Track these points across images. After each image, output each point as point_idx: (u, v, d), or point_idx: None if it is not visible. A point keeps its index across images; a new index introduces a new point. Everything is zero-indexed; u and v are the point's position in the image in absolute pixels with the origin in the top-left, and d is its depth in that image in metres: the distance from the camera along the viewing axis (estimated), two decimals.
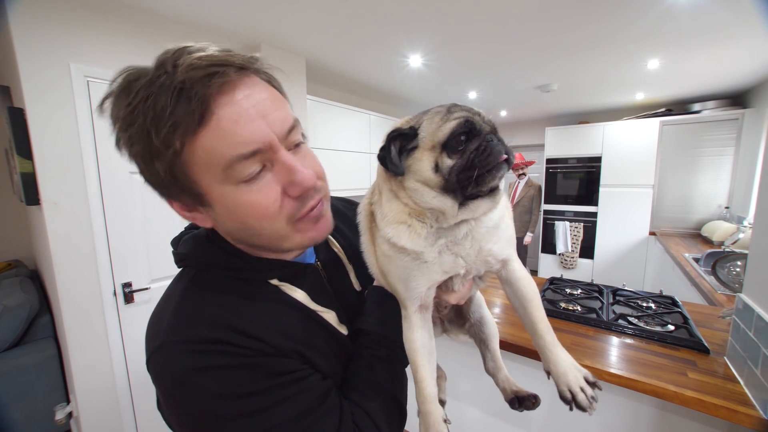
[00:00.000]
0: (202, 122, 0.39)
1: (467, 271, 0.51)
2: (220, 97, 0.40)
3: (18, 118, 1.44)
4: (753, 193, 2.89)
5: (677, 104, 3.81)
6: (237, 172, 0.42)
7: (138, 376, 1.79)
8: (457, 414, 1.55)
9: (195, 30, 1.92)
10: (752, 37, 2.06)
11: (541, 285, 1.73)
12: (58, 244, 1.50)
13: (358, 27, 1.95)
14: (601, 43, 2.17)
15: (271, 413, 0.43)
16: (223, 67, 0.40)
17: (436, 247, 0.48)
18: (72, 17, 1.51)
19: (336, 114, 2.83)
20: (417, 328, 0.50)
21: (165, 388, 0.45)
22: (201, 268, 0.51)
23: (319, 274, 0.59)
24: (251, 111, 0.42)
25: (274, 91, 0.48)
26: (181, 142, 0.40)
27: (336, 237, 0.67)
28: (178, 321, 0.46)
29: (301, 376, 0.47)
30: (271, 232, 0.47)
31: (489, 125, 0.46)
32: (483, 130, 0.45)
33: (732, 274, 1.90)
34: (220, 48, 0.43)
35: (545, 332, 0.51)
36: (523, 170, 4.03)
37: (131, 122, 0.40)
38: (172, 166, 0.42)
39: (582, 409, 0.46)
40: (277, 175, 0.45)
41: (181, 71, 0.38)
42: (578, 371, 0.49)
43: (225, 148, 0.41)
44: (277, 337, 0.47)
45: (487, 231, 0.49)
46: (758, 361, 0.88)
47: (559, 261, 4.42)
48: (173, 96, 0.38)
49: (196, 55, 0.40)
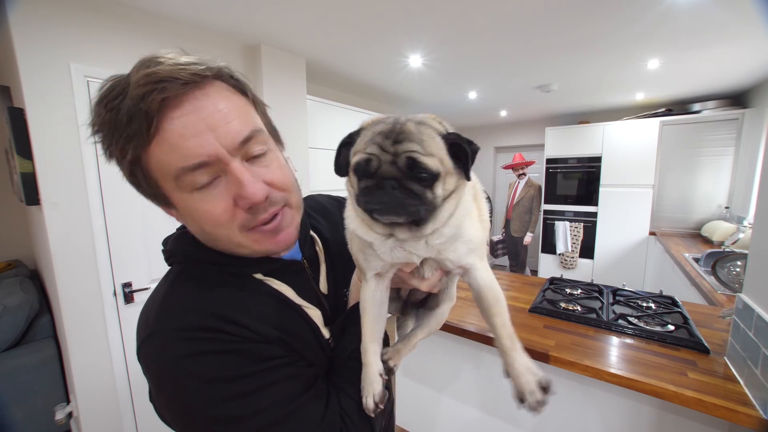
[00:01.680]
0: (150, 136, 0.42)
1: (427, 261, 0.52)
2: (166, 111, 0.42)
3: (18, 118, 1.44)
4: (753, 193, 2.89)
5: (677, 104, 3.81)
6: (187, 183, 0.44)
7: (138, 376, 1.78)
8: (457, 414, 1.55)
9: (195, 30, 1.93)
10: (752, 37, 2.06)
11: (541, 285, 1.73)
12: (58, 244, 1.50)
13: (358, 27, 1.95)
14: (601, 43, 2.17)
15: (259, 396, 0.44)
16: (166, 82, 0.41)
17: (387, 244, 0.48)
18: (72, 17, 1.51)
19: (336, 114, 2.82)
20: (370, 290, 0.53)
21: (156, 376, 0.46)
22: (188, 263, 0.53)
23: (305, 271, 0.60)
24: (199, 124, 0.43)
25: (239, 99, 0.49)
26: (135, 153, 0.43)
27: (320, 237, 0.68)
28: (166, 310, 0.47)
29: (286, 362, 0.48)
30: (227, 239, 0.49)
31: (395, 168, 0.42)
32: (380, 175, 0.43)
33: (732, 274, 1.90)
34: (182, 59, 0.44)
35: (504, 338, 0.52)
36: (523, 170, 4.03)
37: (100, 130, 0.44)
38: (133, 172, 0.45)
39: (531, 410, 0.49)
40: (227, 186, 0.46)
41: (132, 87, 0.41)
42: (533, 376, 0.50)
43: (172, 161, 0.43)
44: (263, 325, 0.48)
45: (442, 240, 0.48)
46: (758, 361, 0.88)
47: (559, 261, 4.42)
48: (127, 110, 0.41)
49: (145, 71, 0.41)
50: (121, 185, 0.49)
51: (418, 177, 0.42)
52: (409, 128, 0.44)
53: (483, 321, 1.40)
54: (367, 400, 0.51)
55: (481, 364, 1.44)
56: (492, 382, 1.42)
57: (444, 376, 1.54)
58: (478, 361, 1.45)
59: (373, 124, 0.47)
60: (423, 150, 0.42)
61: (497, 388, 1.41)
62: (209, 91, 0.45)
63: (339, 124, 2.87)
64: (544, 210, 4.46)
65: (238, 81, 0.50)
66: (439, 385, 1.57)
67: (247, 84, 0.51)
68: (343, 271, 0.66)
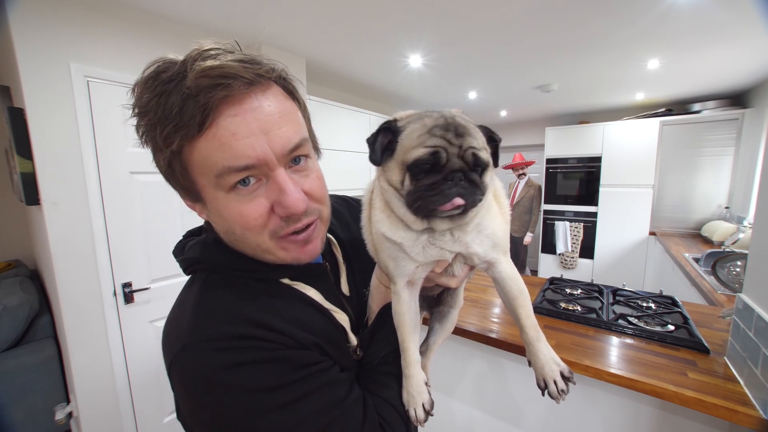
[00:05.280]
0: (202, 129, 0.41)
1: (457, 258, 0.53)
2: (224, 107, 0.41)
3: (18, 118, 1.44)
4: (753, 193, 2.89)
5: (677, 104, 3.81)
6: (228, 182, 0.43)
7: (138, 376, 1.79)
8: (457, 414, 1.55)
9: (195, 30, 1.93)
10: (752, 37, 2.06)
11: (541, 285, 1.73)
12: (58, 244, 1.50)
13: (358, 27, 1.95)
14: (601, 43, 2.17)
15: (300, 405, 0.43)
16: (231, 79, 0.40)
17: (419, 243, 0.49)
18: (72, 17, 1.51)
19: (336, 114, 2.82)
20: (405, 303, 0.53)
21: (191, 391, 0.44)
22: (213, 271, 0.51)
23: (328, 274, 0.60)
24: (253, 125, 0.42)
25: (292, 105, 0.48)
26: (180, 144, 0.42)
27: (336, 239, 0.68)
28: (199, 321, 0.45)
29: (324, 368, 0.47)
30: (255, 243, 0.48)
31: (462, 161, 0.44)
32: (449, 167, 0.44)
33: (732, 274, 1.90)
34: (243, 55, 0.43)
35: (529, 328, 0.54)
36: (523, 170, 4.03)
37: (145, 113, 0.42)
38: (171, 162, 0.44)
39: (552, 397, 0.51)
40: (268, 191, 0.45)
41: (192, 77, 0.40)
42: (556, 365, 0.52)
43: (219, 158, 0.42)
44: (299, 330, 0.47)
45: (470, 234, 0.50)
46: (758, 361, 0.87)
47: (559, 261, 4.42)
48: (181, 98, 0.40)
49: (209, 63, 0.40)
50: (121, 185, 0.49)
51: (478, 170, 0.45)
52: (462, 123, 0.46)
53: (483, 321, 1.40)
54: (416, 411, 0.52)
55: (481, 364, 1.44)
56: (492, 382, 1.42)
57: (444, 376, 1.54)
58: (479, 361, 1.44)
59: (418, 118, 0.47)
60: (479, 144, 0.45)
61: (497, 389, 1.41)
62: (268, 93, 0.45)
63: (339, 124, 2.87)
64: (544, 210, 4.46)
65: (293, 86, 0.50)
66: (439, 385, 1.57)
67: (297, 90, 0.51)
68: (360, 271, 0.66)
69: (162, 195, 1.78)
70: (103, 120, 1.61)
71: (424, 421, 0.51)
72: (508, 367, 1.36)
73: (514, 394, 1.36)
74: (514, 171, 4.07)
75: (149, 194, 1.74)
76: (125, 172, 1.66)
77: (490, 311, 1.48)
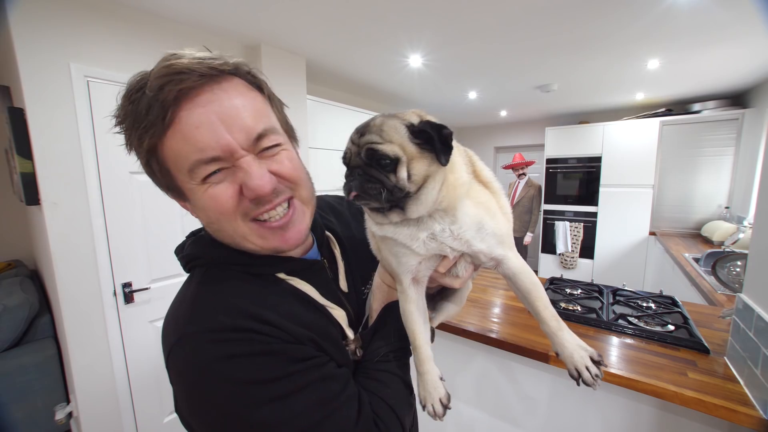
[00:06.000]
0: (165, 126, 0.43)
1: (461, 258, 0.53)
2: (183, 102, 0.43)
3: (18, 118, 1.44)
4: (753, 193, 2.89)
5: (677, 104, 3.81)
6: (200, 175, 0.45)
7: (138, 376, 1.79)
8: (457, 414, 1.55)
9: (195, 30, 1.93)
10: (752, 37, 2.06)
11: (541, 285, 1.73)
12: (58, 244, 1.50)
13: (358, 27, 1.95)
14: (601, 43, 2.17)
15: (295, 399, 0.43)
16: (183, 74, 0.42)
17: (420, 241, 0.50)
18: (72, 17, 1.51)
19: (336, 114, 2.82)
20: (412, 301, 0.53)
21: (187, 382, 0.44)
22: (210, 266, 0.52)
23: (325, 271, 0.60)
24: (213, 117, 0.44)
25: (255, 96, 0.49)
26: (151, 142, 0.44)
27: (335, 237, 0.68)
28: (196, 313, 0.46)
29: (319, 363, 0.47)
30: (231, 230, 0.49)
31: (359, 158, 0.48)
32: (351, 165, 0.49)
33: (732, 274, 1.90)
34: (202, 54, 0.45)
35: (549, 319, 0.53)
36: (523, 170, 4.03)
37: (122, 120, 0.46)
38: (149, 162, 0.47)
39: (588, 385, 0.50)
40: (235, 176, 0.46)
41: (151, 78, 0.42)
42: (584, 351, 0.51)
43: (187, 152, 0.44)
44: (293, 325, 0.48)
45: (470, 232, 0.50)
46: (758, 361, 0.87)
47: (559, 261, 4.42)
48: (147, 101, 0.42)
49: (164, 64, 0.42)
50: (121, 185, 0.50)
51: (381, 164, 0.46)
52: (375, 122, 0.48)
53: (483, 321, 1.40)
54: (434, 407, 0.52)
55: (482, 364, 1.44)
56: (492, 382, 1.42)
57: (444, 376, 1.55)
58: (479, 361, 1.45)
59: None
60: (381, 139, 0.46)
61: (497, 388, 1.41)
62: (226, 86, 0.46)
63: (339, 124, 2.87)
64: (544, 210, 4.46)
65: (255, 78, 0.50)
66: None
67: (264, 81, 0.52)
68: (359, 268, 0.66)
69: (162, 195, 1.75)
70: (103, 120, 1.61)
71: (443, 415, 0.52)
72: (509, 366, 1.36)
73: (514, 394, 1.36)
74: (514, 171, 4.07)
75: (149, 194, 1.74)
76: (125, 172, 1.66)
77: (490, 311, 1.48)
